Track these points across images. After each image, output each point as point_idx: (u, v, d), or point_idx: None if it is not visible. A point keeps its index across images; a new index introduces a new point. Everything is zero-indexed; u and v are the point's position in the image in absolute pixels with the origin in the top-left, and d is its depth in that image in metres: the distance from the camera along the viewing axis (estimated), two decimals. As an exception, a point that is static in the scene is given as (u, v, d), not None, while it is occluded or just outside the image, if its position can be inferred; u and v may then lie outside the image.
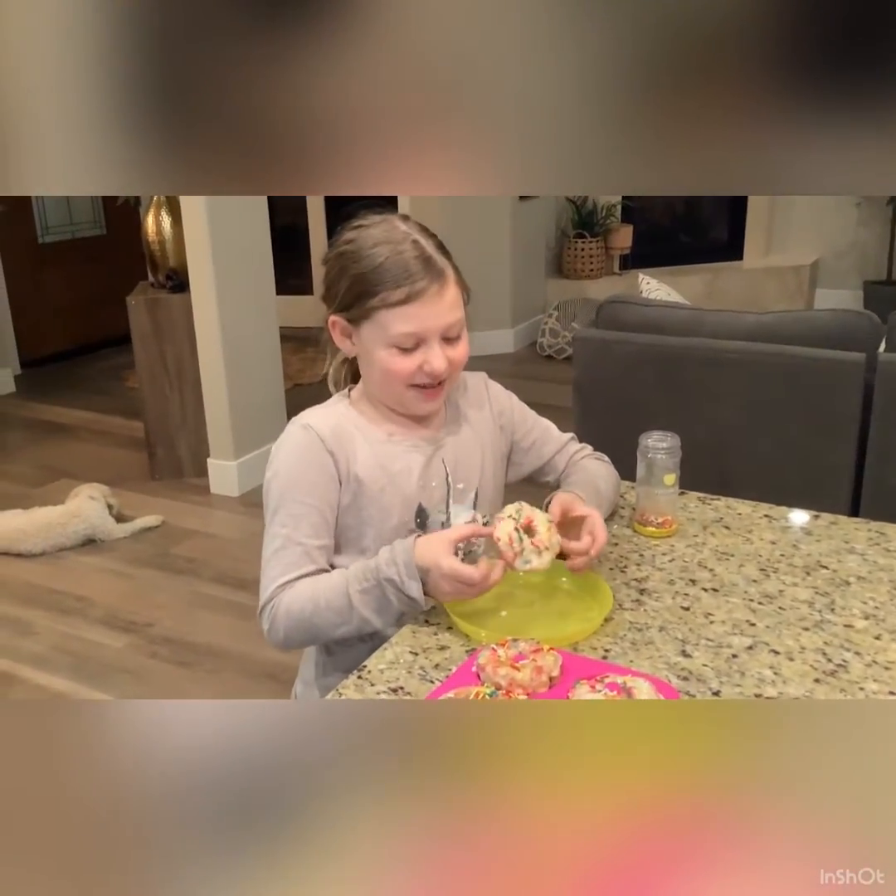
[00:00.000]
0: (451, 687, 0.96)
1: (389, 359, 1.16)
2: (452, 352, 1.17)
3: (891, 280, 5.17)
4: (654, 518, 1.33)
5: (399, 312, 1.13)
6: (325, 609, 1.12)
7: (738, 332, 2.26)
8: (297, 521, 1.16)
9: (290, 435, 1.22)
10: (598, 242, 5.37)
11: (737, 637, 1.08)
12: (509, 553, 1.11)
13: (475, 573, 1.08)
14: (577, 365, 2.47)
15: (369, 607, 1.11)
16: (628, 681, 0.93)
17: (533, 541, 1.12)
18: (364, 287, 1.14)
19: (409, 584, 1.08)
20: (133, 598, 2.75)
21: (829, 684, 0.99)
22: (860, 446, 2.13)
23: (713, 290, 5.28)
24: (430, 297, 1.13)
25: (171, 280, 3.43)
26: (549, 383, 3.97)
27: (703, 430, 2.26)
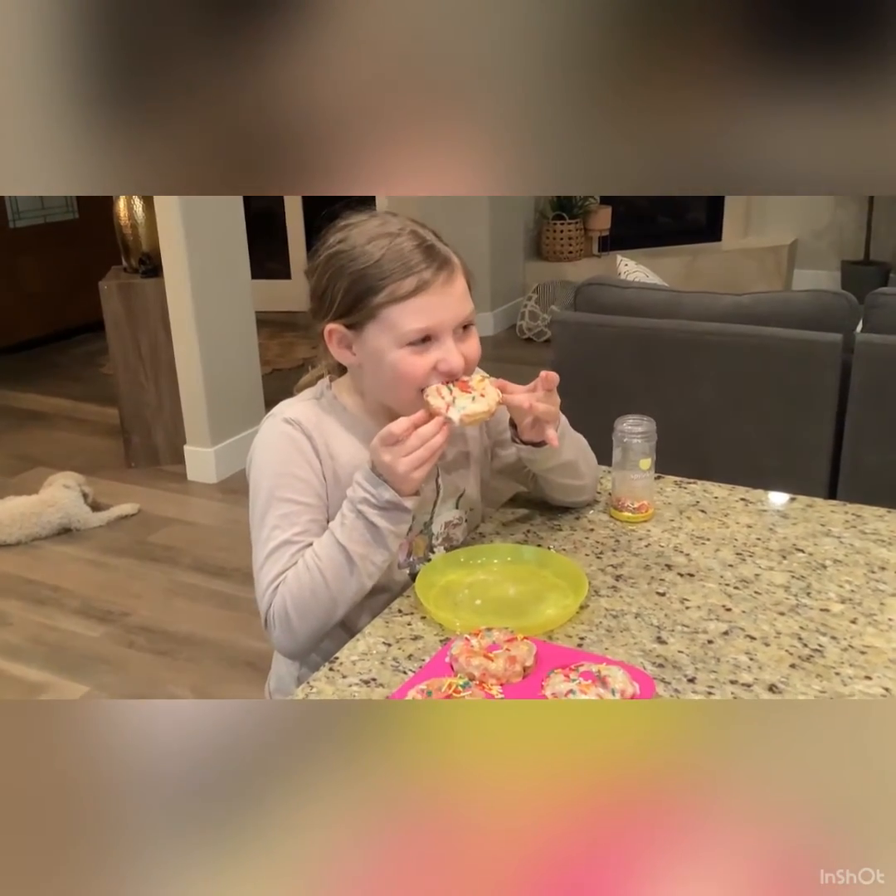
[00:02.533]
0: (424, 678, 0.95)
1: (402, 360, 1.07)
2: (465, 348, 1.11)
3: (868, 260, 5.18)
4: (630, 503, 1.31)
5: (409, 306, 1.06)
6: (326, 571, 1.06)
7: (716, 314, 2.25)
8: (289, 520, 1.10)
9: (271, 430, 1.14)
10: (577, 224, 5.35)
11: (712, 622, 1.07)
12: (440, 404, 1.06)
13: (402, 420, 1.04)
14: (555, 347, 2.46)
15: (361, 542, 1.06)
16: (602, 669, 0.92)
17: (461, 386, 1.08)
18: (366, 284, 1.06)
19: (379, 492, 1.05)
20: (110, 588, 2.72)
21: (805, 669, 0.98)
22: (838, 427, 2.14)
23: (692, 272, 5.27)
24: (440, 288, 1.06)
25: (144, 265, 3.38)
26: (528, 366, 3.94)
27: (681, 411, 2.25)
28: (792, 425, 2.18)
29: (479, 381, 1.10)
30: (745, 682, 0.96)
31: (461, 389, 1.08)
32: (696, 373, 2.25)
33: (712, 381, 2.23)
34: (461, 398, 1.07)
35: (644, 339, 2.30)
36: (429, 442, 1.04)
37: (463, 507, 1.27)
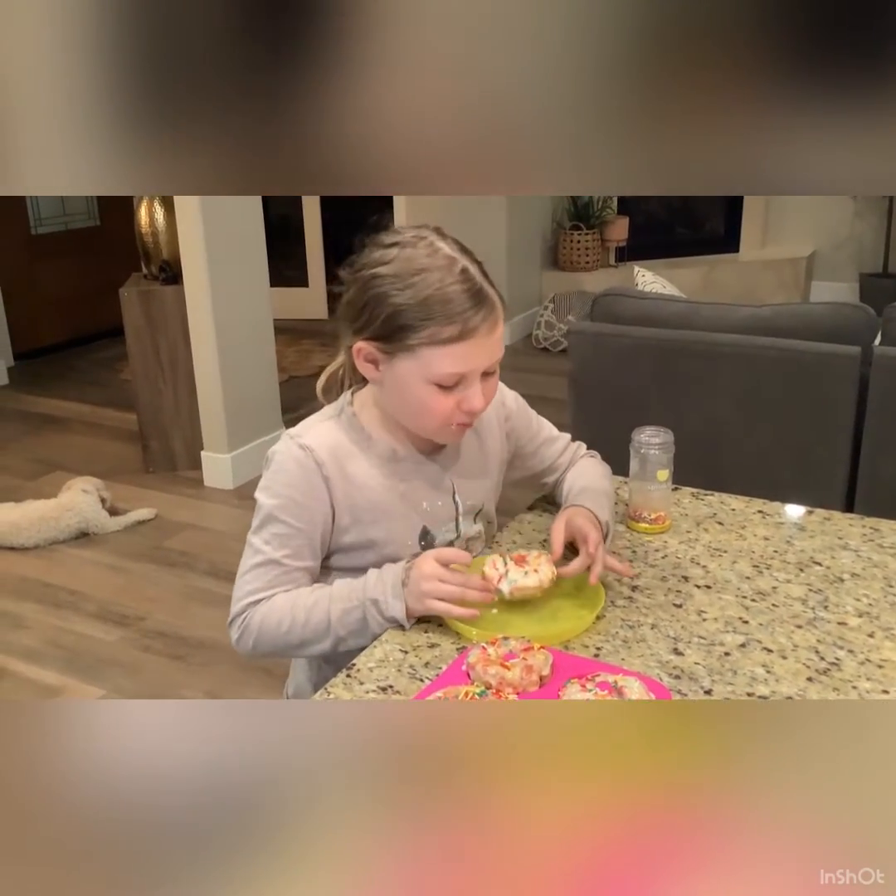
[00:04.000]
0: (441, 686, 0.95)
1: (430, 397, 1.08)
2: (488, 389, 1.12)
3: (887, 272, 5.16)
4: (647, 514, 1.32)
5: (448, 351, 1.05)
6: (302, 625, 1.10)
7: (733, 325, 2.25)
8: (280, 541, 1.13)
9: (284, 452, 1.14)
10: (594, 235, 5.35)
11: (729, 635, 1.07)
12: (493, 574, 1.11)
13: (462, 553, 1.07)
14: (572, 358, 2.46)
15: (348, 628, 1.09)
16: (619, 680, 0.93)
17: (517, 560, 1.12)
18: (408, 321, 1.05)
19: (393, 604, 1.07)
20: (126, 592, 2.73)
21: (822, 683, 0.98)
22: (855, 440, 2.13)
23: (709, 283, 5.27)
24: (482, 336, 1.06)
25: (165, 272, 3.40)
26: (544, 376, 3.96)
27: (698, 423, 2.25)
28: (809, 438, 2.17)
29: (535, 556, 1.14)
30: (761, 695, 0.96)
31: (516, 563, 1.12)
32: (713, 384, 2.24)
33: (729, 392, 2.23)
34: (514, 572, 1.11)
35: (661, 350, 2.29)
36: (466, 591, 1.07)
37: (481, 521, 1.27)
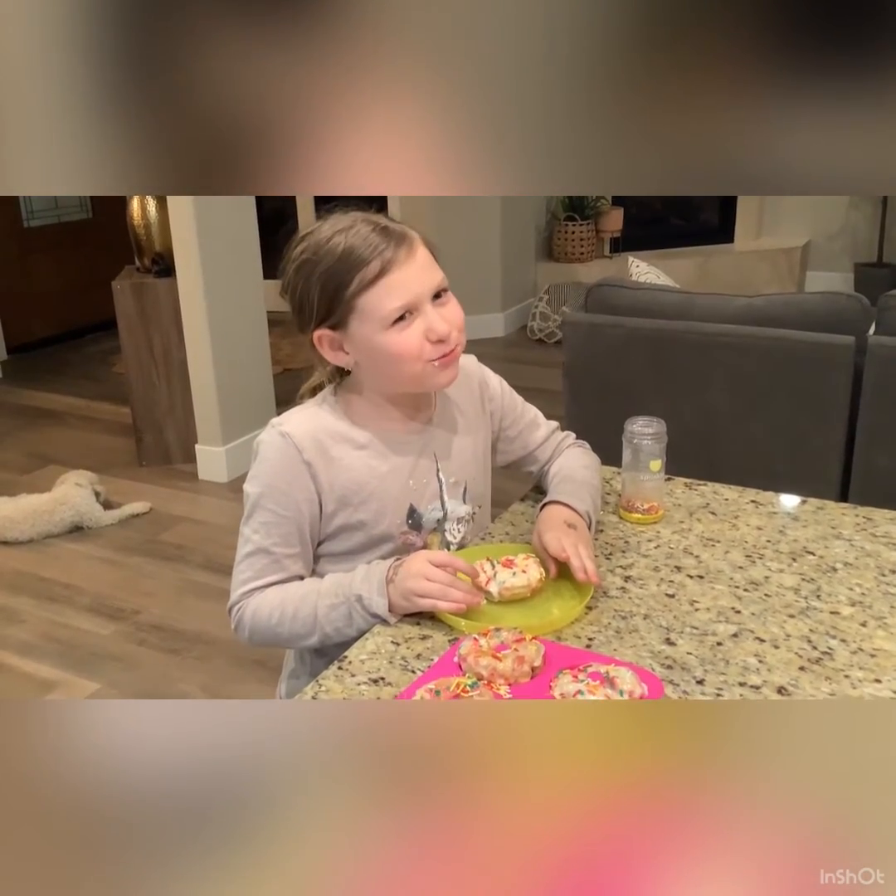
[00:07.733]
0: (433, 677, 0.95)
1: (394, 343, 1.10)
2: (447, 312, 1.13)
3: (881, 262, 5.15)
4: (640, 504, 1.31)
5: (380, 288, 1.08)
6: (290, 619, 1.12)
7: (728, 316, 2.25)
8: (267, 530, 1.15)
9: (267, 441, 1.17)
10: (589, 225, 5.34)
11: (722, 624, 1.07)
12: (482, 578, 1.11)
13: (455, 558, 1.09)
14: (566, 349, 2.46)
15: (333, 624, 1.11)
16: (611, 670, 0.92)
17: (504, 563, 1.13)
18: (336, 281, 1.09)
19: (378, 601, 1.08)
20: (121, 585, 2.73)
21: (815, 672, 0.98)
22: (849, 429, 2.13)
23: (704, 273, 5.26)
24: (404, 262, 1.09)
25: (157, 264, 3.39)
26: (539, 367, 3.96)
27: (692, 413, 2.25)
28: (803, 427, 2.17)
29: (523, 558, 1.15)
30: (753, 685, 0.96)
31: (504, 565, 1.13)
32: (707, 374, 2.24)
33: (724, 382, 2.23)
34: (502, 573, 1.12)
35: (655, 340, 2.29)
36: (449, 591, 1.06)
37: (470, 503, 1.27)
